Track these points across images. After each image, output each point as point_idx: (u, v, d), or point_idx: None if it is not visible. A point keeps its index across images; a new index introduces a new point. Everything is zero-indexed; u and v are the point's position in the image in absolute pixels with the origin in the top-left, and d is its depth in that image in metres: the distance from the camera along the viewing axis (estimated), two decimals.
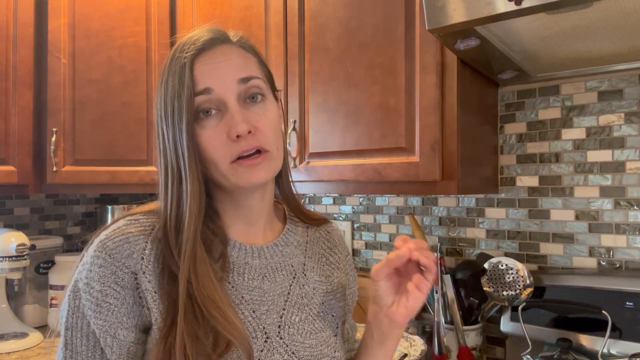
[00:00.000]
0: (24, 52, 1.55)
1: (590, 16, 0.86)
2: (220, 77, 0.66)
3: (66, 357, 0.64)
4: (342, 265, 0.83)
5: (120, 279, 0.62)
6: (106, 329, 0.62)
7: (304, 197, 1.81)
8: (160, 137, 0.68)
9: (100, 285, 0.62)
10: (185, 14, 1.64)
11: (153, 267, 0.63)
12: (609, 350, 1.10)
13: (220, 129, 0.65)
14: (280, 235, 0.77)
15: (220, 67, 0.66)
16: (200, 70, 0.66)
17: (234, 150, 0.65)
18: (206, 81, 0.65)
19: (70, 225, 2.06)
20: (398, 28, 1.18)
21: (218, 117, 0.66)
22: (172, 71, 0.66)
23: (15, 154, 1.54)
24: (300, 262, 0.77)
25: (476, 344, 1.29)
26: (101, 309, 0.62)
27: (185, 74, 0.65)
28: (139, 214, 0.68)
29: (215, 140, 0.65)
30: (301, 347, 0.69)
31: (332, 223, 0.87)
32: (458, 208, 1.47)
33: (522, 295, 1.23)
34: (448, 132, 1.12)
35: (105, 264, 0.62)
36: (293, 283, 0.74)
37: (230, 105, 0.65)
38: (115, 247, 0.63)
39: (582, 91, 1.27)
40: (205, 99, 0.65)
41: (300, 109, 1.37)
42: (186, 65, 0.65)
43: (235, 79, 0.66)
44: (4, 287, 1.65)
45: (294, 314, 0.71)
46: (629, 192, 1.21)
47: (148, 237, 0.65)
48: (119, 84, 1.63)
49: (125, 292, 0.62)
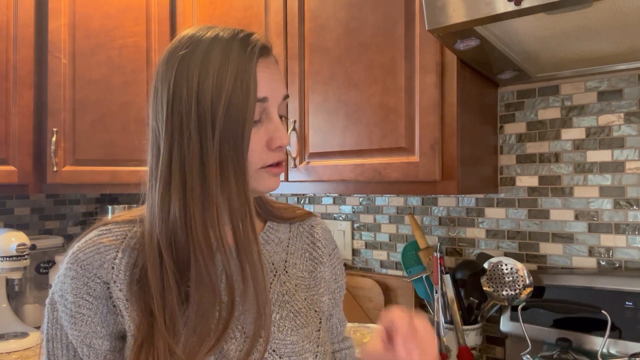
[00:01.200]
0: (24, 52, 1.56)
1: (590, 16, 0.86)
2: (275, 89, 0.67)
3: None
4: (326, 260, 0.83)
5: (93, 289, 0.63)
6: (82, 339, 0.63)
7: (304, 197, 1.81)
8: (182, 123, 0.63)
9: (73, 297, 0.63)
10: (186, 14, 1.64)
11: (124, 276, 0.64)
12: (608, 350, 1.11)
13: (261, 135, 0.66)
14: (260, 233, 0.77)
15: (276, 79, 0.68)
16: (261, 76, 0.66)
17: (269, 158, 0.67)
18: (266, 90, 0.66)
19: (71, 225, 2.06)
20: (398, 28, 1.18)
21: (260, 123, 0.67)
22: (233, 68, 0.63)
23: (15, 154, 1.54)
24: (281, 259, 0.77)
25: (476, 344, 1.29)
26: (76, 320, 0.63)
27: (250, 76, 0.64)
28: (112, 224, 0.69)
29: (256, 145, 0.66)
30: (282, 345, 0.69)
31: (317, 217, 0.87)
32: (458, 208, 1.47)
33: (522, 295, 1.23)
34: (448, 132, 1.12)
35: (77, 276, 0.64)
36: (274, 281, 0.74)
37: (275, 117, 0.68)
38: (87, 258, 0.64)
39: (582, 91, 1.28)
40: (261, 108, 0.66)
41: (300, 109, 1.37)
42: (252, 68, 0.64)
43: (283, 94, 0.69)
44: (4, 287, 1.65)
45: (274, 311, 0.71)
46: (629, 192, 1.21)
47: (119, 246, 0.66)
48: (119, 84, 1.63)
49: (99, 302, 0.63)
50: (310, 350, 0.72)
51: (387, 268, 1.62)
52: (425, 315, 0.68)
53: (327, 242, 0.85)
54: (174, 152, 0.63)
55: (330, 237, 0.87)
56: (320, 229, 0.85)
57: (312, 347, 0.73)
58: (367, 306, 1.58)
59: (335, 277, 0.84)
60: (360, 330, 1.35)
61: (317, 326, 0.76)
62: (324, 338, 0.76)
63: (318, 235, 0.84)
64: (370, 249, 1.66)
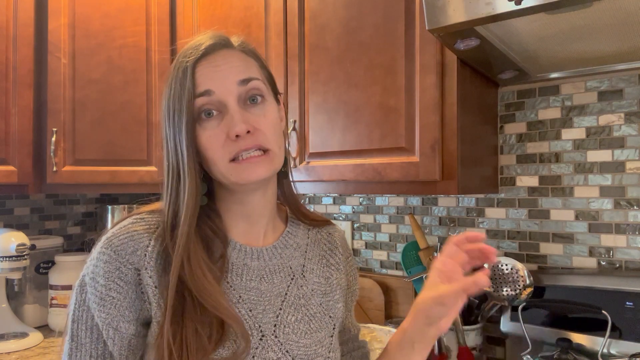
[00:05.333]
0: (24, 52, 1.55)
1: (590, 16, 0.86)
2: (220, 79, 0.68)
3: (72, 348, 0.67)
4: (343, 267, 0.84)
5: (124, 274, 0.65)
6: (109, 322, 0.65)
7: (304, 197, 1.81)
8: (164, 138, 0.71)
9: (104, 280, 0.65)
10: (185, 14, 1.64)
11: (155, 264, 0.66)
12: (608, 350, 1.11)
13: (221, 129, 0.68)
14: (280, 237, 0.78)
15: (220, 70, 0.69)
16: (202, 73, 0.68)
17: (232, 149, 0.67)
18: (207, 83, 0.68)
19: (71, 225, 2.06)
20: (398, 28, 1.18)
21: (219, 118, 0.68)
22: (175, 75, 0.69)
23: (15, 154, 1.54)
24: (299, 263, 0.78)
25: (476, 344, 1.29)
26: (105, 302, 0.65)
27: (187, 77, 0.68)
28: (145, 212, 0.72)
29: (216, 140, 0.68)
30: (295, 346, 0.71)
31: (335, 224, 0.88)
32: (458, 208, 1.47)
33: (522, 295, 1.23)
34: (448, 132, 1.12)
35: (110, 260, 0.66)
36: (291, 284, 0.75)
37: (230, 106, 0.68)
38: (120, 244, 0.66)
39: (582, 91, 1.27)
40: (206, 101, 0.68)
41: (300, 109, 1.37)
42: (188, 68, 0.68)
43: (235, 81, 0.69)
44: (4, 287, 1.65)
45: (290, 313, 0.72)
46: (629, 192, 1.21)
47: (152, 234, 0.68)
48: (119, 84, 1.63)
49: (128, 287, 0.66)
50: (322, 354, 0.73)
51: (387, 268, 1.62)
52: None
53: (344, 250, 0.86)
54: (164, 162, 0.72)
55: (347, 245, 0.88)
56: (339, 237, 0.87)
57: (324, 352, 0.74)
58: (367, 306, 1.58)
59: (349, 283, 0.85)
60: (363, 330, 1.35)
61: (331, 332, 0.77)
62: (336, 344, 0.77)
63: (336, 242, 0.85)
64: (370, 249, 1.66)
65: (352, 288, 0.86)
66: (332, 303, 0.79)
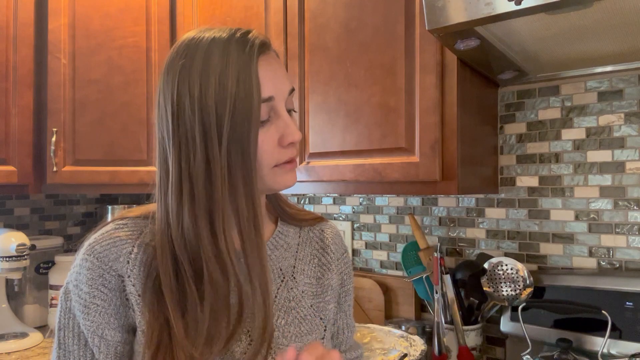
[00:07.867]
0: (24, 52, 1.56)
1: (590, 16, 0.86)
2: (279, 85, 0.66)
3: (59, 356, 0.66)
4: (334, 266, 0.82)
5: (108, 281, 0.64)
6: (94, 330, 0.64)
7: (304, 197, 1.81)
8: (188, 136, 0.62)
9: (88, 287, 0.64)
10: (185, 14, 1.64)
11: (138, 271, 0.64)
12: (608, 350, 1.11)
13: (272, 133, 0.65)
14: (270, 238, 0.76)
15: (278, 76, 0.66)
16: (264, 75, 0.64)
17: (282, 156, 0.67)
18: (270, 88, 0.65)
19: (70, 226, 2.06)
20: (398, 28, 1.18)
21: (269, 123, 0.66)
22: (233, 63, 0.62)
23: (15, 154, 1.54)
24: (289, 265, 0.76)
25: (476, 344, 1.29)
26: (89, 310, 0.64)
27: (251, 75, 0.62)
28: (128, 218, 0.70)
29: (267, 145, 0.65)
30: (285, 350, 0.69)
31: (327, 221, 0.86)
32: (458, 208, 1.47)
33: (522, 295, 1.23)
34: (448, 132, 1.12)
35: (93, 267, 0.64)
36: (281, 287, 0.74)
37: (284, 114, 0.67)
38: (103, 250, 0.65)
39: (582, 91, 1.27)
40: (269, 107, 0.65)
41: (300, 109, 1.37)
42: (252, 65, 0.62)
43: (288, 89, 0.68)
44: (4, 287, 1.65)
45: (279, 317, 0.71)
46: (629, 192, 1.21)
47: (135, 241, 0.66)
48: (119, 84, 1.63)
49: (112, 294, 0.64)
50: None
51: (387, 268, 1.62)
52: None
53: (337, 247, 0.84)
54: (182, 164, 0.63)
55: (341, 242, 0.85)
56: (331, 234, 0.84)
57: None
58: (367, 306, 1.58)
59: (342, 282, 0.83)
60: (360, 330, 1.35)
61: (322, 334, 0.76)
62: (327, 346, 0.76)
63: (328, 240, 0.83)
64: (370, 249, 1.66)
65: (345, 287, 0.83)
66: (323, 304, 0.77)
